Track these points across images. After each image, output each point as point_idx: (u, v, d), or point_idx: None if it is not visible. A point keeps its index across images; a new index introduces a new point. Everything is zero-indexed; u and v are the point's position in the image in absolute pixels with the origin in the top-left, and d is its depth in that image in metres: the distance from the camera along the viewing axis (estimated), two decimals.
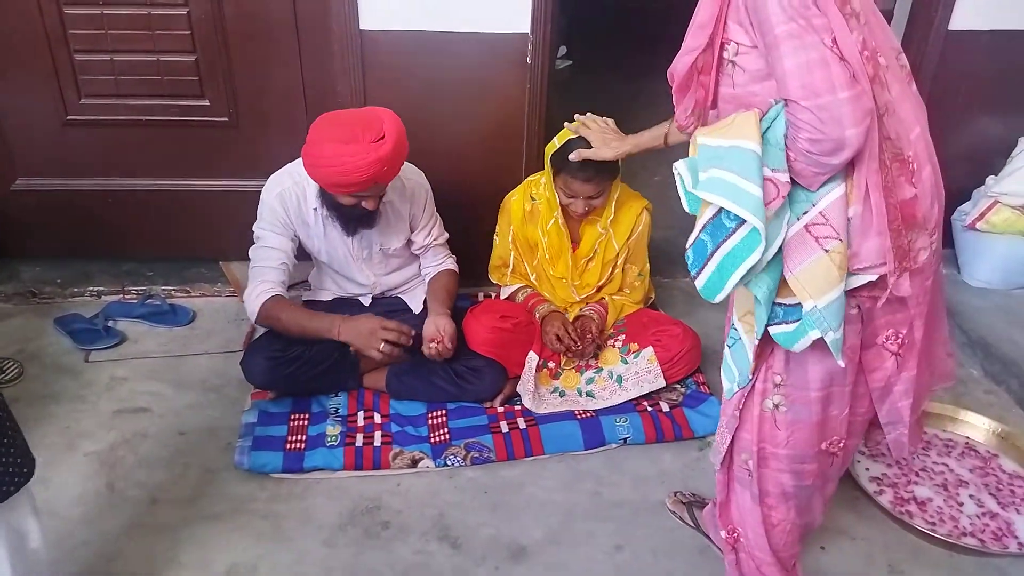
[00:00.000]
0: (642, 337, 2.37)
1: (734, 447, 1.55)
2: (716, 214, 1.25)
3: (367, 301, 2.44)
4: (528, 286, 2.52)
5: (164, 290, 2.80)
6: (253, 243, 2.24)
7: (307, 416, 2.23)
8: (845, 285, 1.24)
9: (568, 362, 2.41)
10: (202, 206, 2.75)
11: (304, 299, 2.51)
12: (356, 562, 1.84)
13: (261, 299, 2.14)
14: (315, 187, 2.15)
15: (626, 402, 2.31)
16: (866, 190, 1.21)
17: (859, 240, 1.25)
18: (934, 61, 2.69)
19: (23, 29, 2.44)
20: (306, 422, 2.21)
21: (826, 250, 1.22)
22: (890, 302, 1.32)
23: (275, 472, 2.06)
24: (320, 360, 2.24)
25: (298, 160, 2.13)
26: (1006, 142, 2.90)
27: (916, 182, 1.27)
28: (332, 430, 2.18)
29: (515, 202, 2.43)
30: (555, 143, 2.23)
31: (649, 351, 2.33)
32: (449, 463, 2.11)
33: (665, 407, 2.30)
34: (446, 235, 2.45)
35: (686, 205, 1.33)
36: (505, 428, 2.22)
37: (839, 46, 1.13)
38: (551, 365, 2.40)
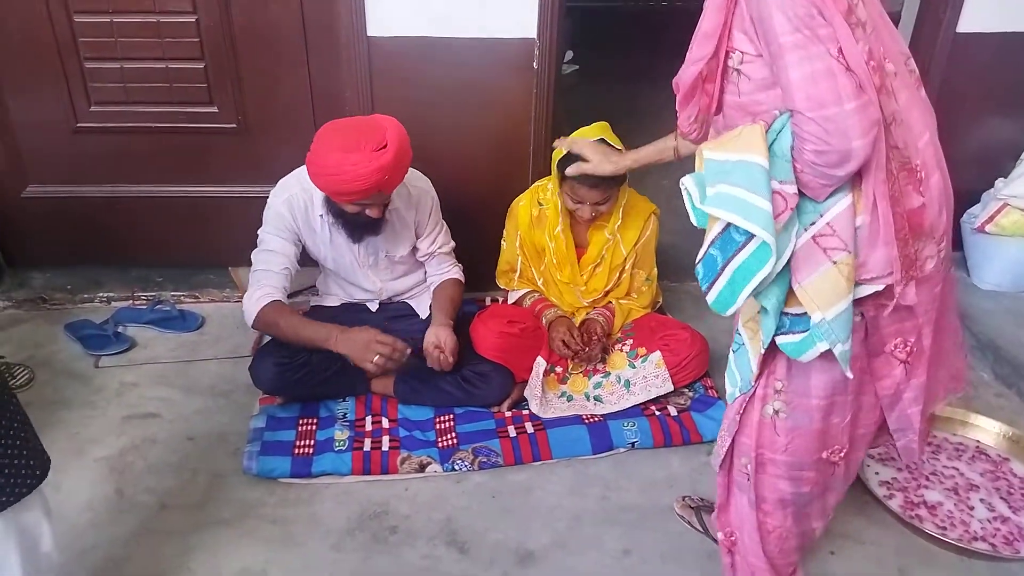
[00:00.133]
0: (650, 341, 2.37)
1: (734, 451, 1.54)
2: (725, 229, 1.23)
3: (374, 306, 2.44)
4: (535, 291, 2.52)
5: (173, 296, 2.82)
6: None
7: (315, 421, 2.24)
8: (853, 295, 1.23)
9: (576, 366, 2.41)
10: (211, 212, 2.76)
11: (312, 304, 2.52)
12: (364, 567, 1.84)
13: (260, 304, 2.14)
14: (321, 194, 2.15)
15: (634, 406, 2.30)
16: (873, 200, 1.20)
17: (866, 250, 1.24)
18: (942, 64, 2.68)
19: (33, 37, 2.46)
20: (314, 427, 2.22)
21: (834, 261, 1.21)
22: (898, 310, 1.31)
23: (283, 477, 2.07)
24: (328, 365, 2.25)
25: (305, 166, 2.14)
26: (1015, 144, 2.89)
27: (924, 190, 1.26)
28: (340, 435, 2.18)
29: (523, 207, 2.44)
30: (562, 149, 2.24)
31: (657, 355, 2.33)
32: (457, 467, 2.11)
33: (673, 411, 2.30)
34: (452, 244, 2.44)
35: (694, 219, 1.31)
36: (513, 433, 2.22)
37: (845, 56, 1.12)
38: (559, 370, 2.40)
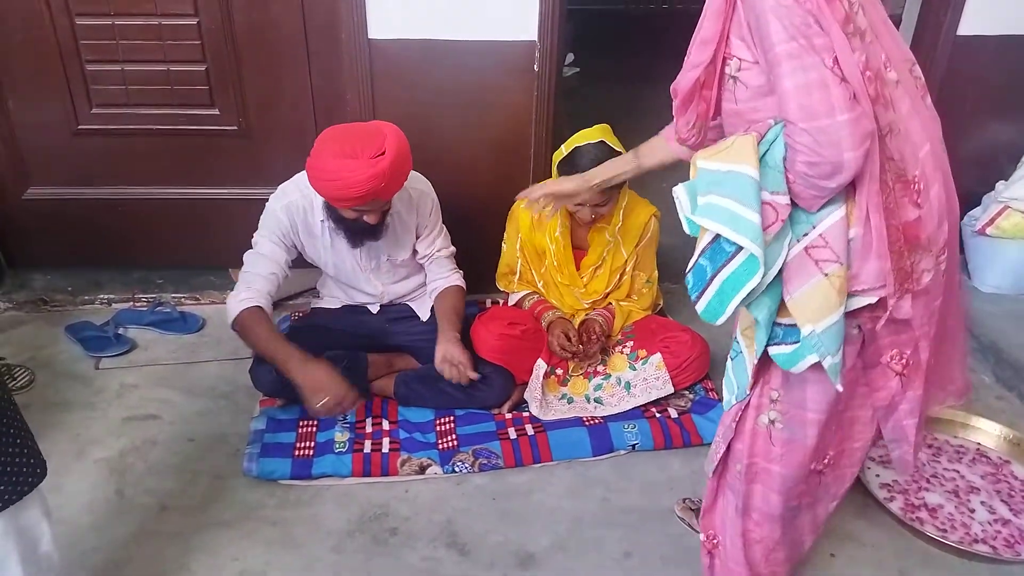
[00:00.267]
0: (650, 343, 2.37)
1: (729, 457, 1.54)
2: (715, 239, 1.23)
3: (375, 309, 2.44)
4: (535, 293, 2.52)
5: (174, 298, 2.82)
6: None
7: (315, 423, 2.24)
8: (845, 307, 1.22)
9: (576, 368, 2.41)
10: (212, 214, 2.76)
11: (312, 306, 2.52)
12: (364, 568, 1.84)
13: (242, 306, 2.11)
14: (321, 199, 2.15)
15: (634, 408, 2.30)
16: (867, 212, 1.19)
17: (859, 262, 1.23)
18: (943, 66, 2.69)
19: (35, 39, 2.47)
20: (314, 429, 2.22)
21: (825, 274, 1.20)
22: (894, 322, 1.30)
23: (284, 479, 2.07)
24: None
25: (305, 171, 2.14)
26: (1016, 147, 2.89)
27: (922, 202, 1.25)
28: (340, 436, 2.18)
29: (523, 209, 2.43)
30: (562, 150, 2.24)
31: (657, 357, 2.33)
32: (457, 469, 2.11)
33: (674, 413, 2.30)
34: (452, 249, 2.42)
35: (687, 228, 1.30)
36: (513, 435, 2.22)
37: (840, 66, 1.11)
38: (559, 372, 2.40)
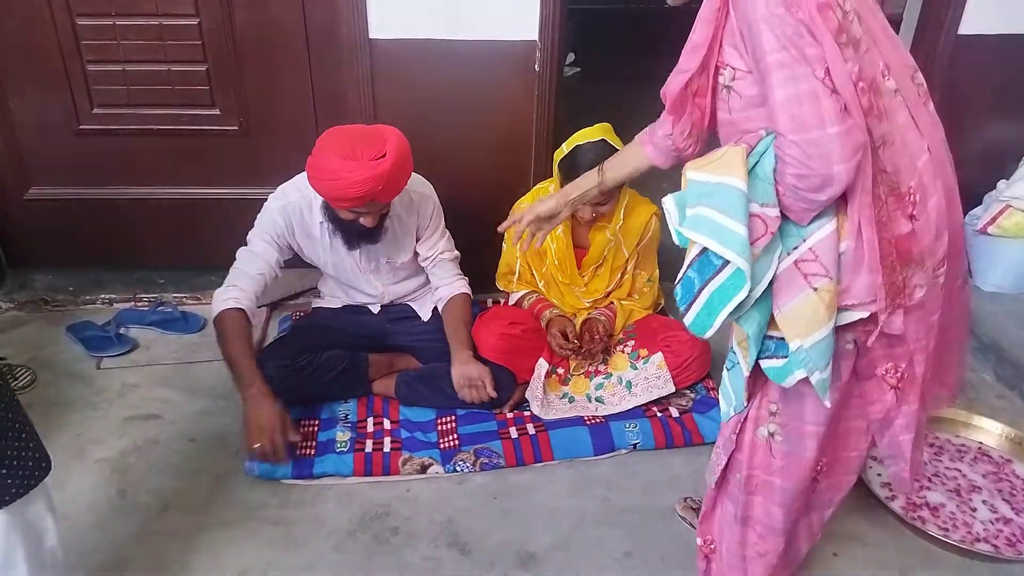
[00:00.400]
0: (651, 343, 2.37)
1: (730, 467, 1.52)
2: (703, 251, 1.21)
3: (376, 309, 2.44)
4: (535, 292, 2.52)
5: (175, 297, 2.82)
6: None
7: (317, 422, 2.24)
8: (836, 322, 1.21)
9: (577, 367, 2.41)
10: (213, 214, 2.76)
11: (313, 305, 2.52)
12: (366, 568, 1.84)
13: (226, 305, 2.11)
14: (321, 200, 2.15)
15: (635, 408, 2.30)
16: (858, 225, 1.17)
17: (850, 276, 1.21)
18: (944, 66, 2.68)
19: (36, 40, 2.47)
20: (316, 428, 2.22)
21: (814, 288, 1.18)
22: (887, 336, 1.28)
23: (285, 478, 2.07)
24: (329, 367, 2.25)
25: (305, 173, 2.14)
26: (1017, 146, 2.89)
27: (917, 214, 1.22)
28: (342, 436, 2.18)
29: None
30: (563, 149, 2.24)
31: (659, 356, 2.33)
32: (458, 469, 2.11)
33: (675, 412, 2.30)
34: (456, 253, 2.41)
35: (676, 239, 1.28)
36: (514, 434, 2.22)
37: (832, 77, 1.09)
38: (560, 371, 2.40)
